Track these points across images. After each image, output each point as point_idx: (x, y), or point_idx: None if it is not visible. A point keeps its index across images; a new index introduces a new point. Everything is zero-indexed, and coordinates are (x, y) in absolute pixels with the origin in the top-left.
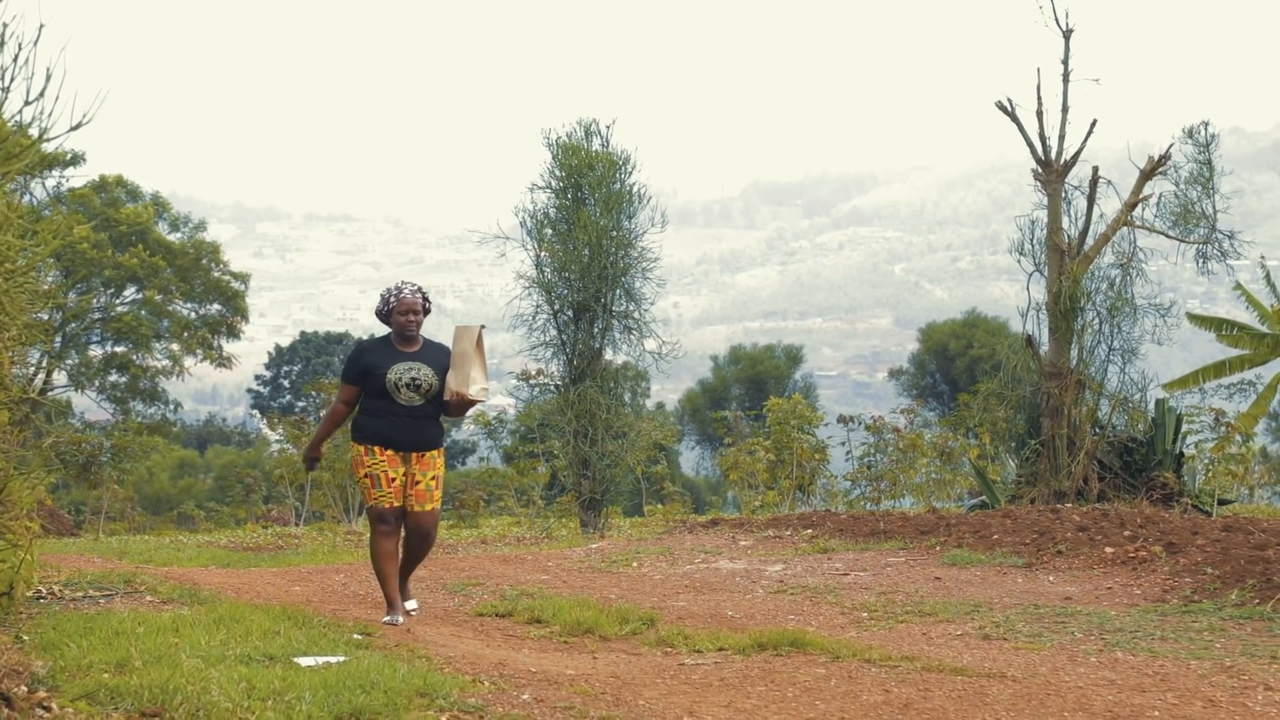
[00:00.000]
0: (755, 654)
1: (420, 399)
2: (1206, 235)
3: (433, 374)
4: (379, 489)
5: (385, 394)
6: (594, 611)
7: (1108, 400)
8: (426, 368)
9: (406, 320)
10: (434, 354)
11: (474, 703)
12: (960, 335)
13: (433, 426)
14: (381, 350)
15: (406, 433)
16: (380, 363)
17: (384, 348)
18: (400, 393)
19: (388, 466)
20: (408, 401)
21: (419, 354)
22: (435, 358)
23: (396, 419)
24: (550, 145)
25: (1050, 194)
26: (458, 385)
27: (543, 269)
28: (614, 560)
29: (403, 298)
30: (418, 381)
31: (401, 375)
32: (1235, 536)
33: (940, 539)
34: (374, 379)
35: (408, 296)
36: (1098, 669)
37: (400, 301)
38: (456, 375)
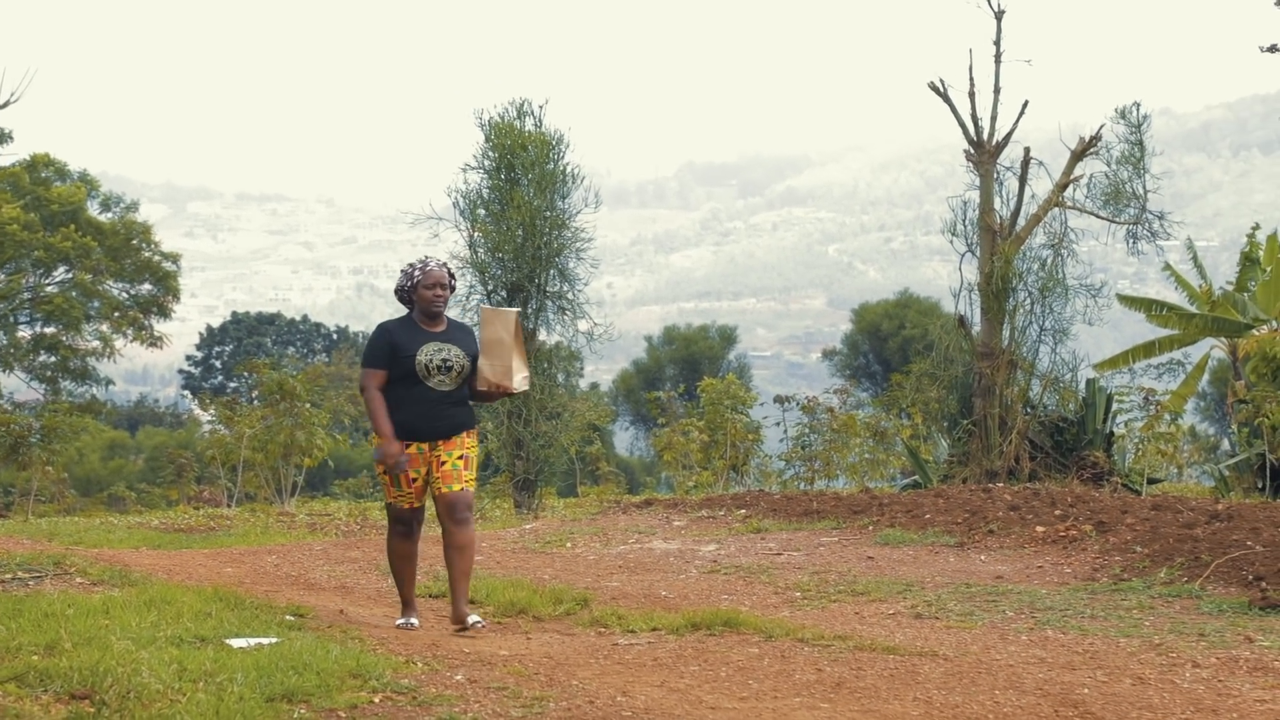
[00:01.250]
0: (689, 634)
1: (451, 383)
2: (1137, 216)
3: (463, 355)
4: (398, 488)
5: (414, 378)
6: (528, 592)
7: (1039, 380)
8: (456, 348)
9: (433, 295)
10: (460, 334)
11: (407, 683)
12: (893, 316)
13: (463, 411)
14: (407, 330)
15: (436, 420)
16: (408, 343)
17: (409, 327)
18: (431, 376)
19: (409, 465)
20: (438, 385)
21: (446, 334)
22: (462, 338)
23: (425, 406)
24: (483, 125)
25: (982, 175)
26: (498, 376)
27: (476, 250)
28: (548, 541)
29: (429, 270)
30: (449, 363)
31: (432, 357)
32: (1164, 515)
33: (873, 519)
34: (402, 362)
35: (434, 269)
36: (1028, 647)
37: (426, 275)
38: (494, 365)
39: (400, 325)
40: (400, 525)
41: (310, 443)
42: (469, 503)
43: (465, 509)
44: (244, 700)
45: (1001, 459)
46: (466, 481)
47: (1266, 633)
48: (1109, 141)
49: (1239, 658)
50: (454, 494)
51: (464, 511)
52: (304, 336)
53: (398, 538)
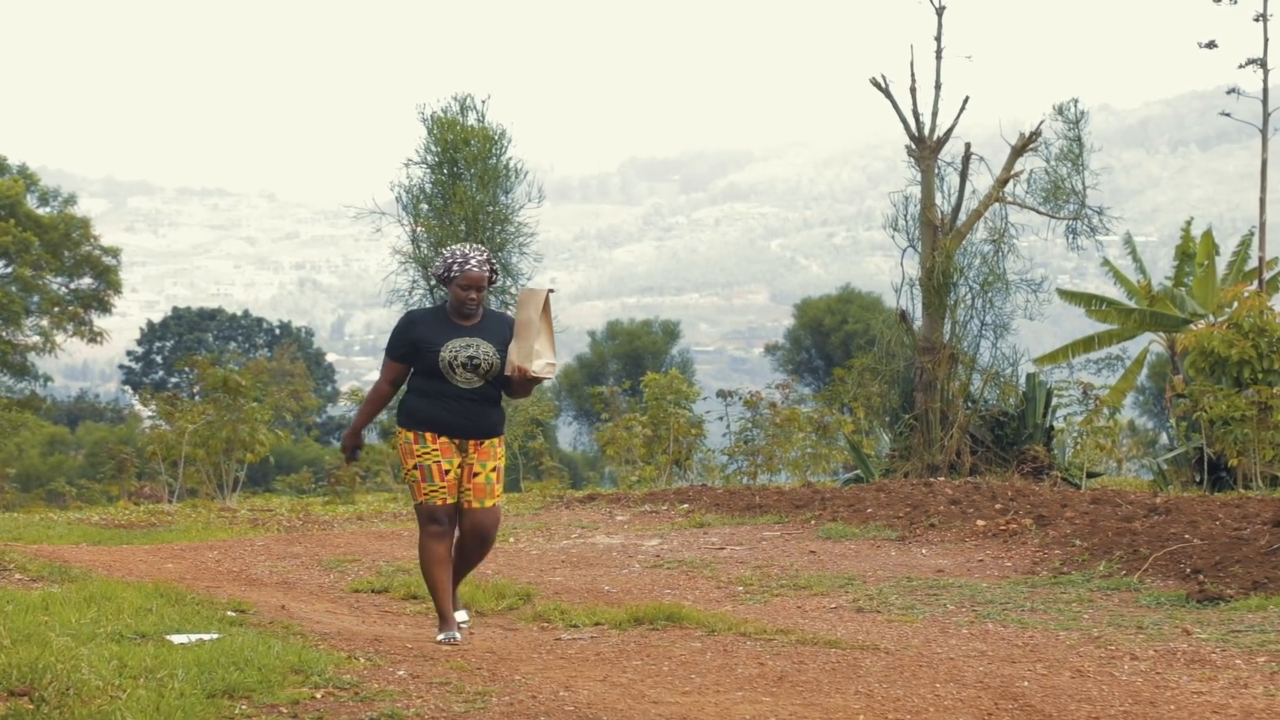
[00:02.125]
0: (631, 628)
1: (479, 380)
2: (1076, 211)
3: (493, 351)
4: (430, 483)
5: (438, 374)
6: (470, 587)
7: (980, 375)
8: (486, 344)
9: (466, 297)
10: (495, 327)
11: (349, 679)
12: (835, 311)
13: (493, 410)
14: (434, 323)
15: (463, 418)
16: (433, 338)
17: (437, 320)
18: (455, 373)
19: (440, 456)
20: (464, 383)
21: (478, 328)
22: (496, 331)
23: (451, 402)
24: (426, 120)
25: (924, 170)
26: (520, 359)
27: (419, 244)
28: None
29: (468, 269)
30: (475, 360)
31: (457, 354)
32: (1103, 509)
33: (815, 513)
34: (425, 357)
35: (474, 269)
36: (969, 640)
37: (465, 274)
38: (519, 347)
39: (428, 317)
40: (434, 525)
41: (253, 438)
42: (498, 520)
43: (493, 526)
44: (185, 696)
45: (943, 453)
46: (497, 496)
47: (1204, 625)
48: (1049, 138)
49: (1177, 650)
50: (484, 510)
51: (491, 530)
52: (246, 332)
53: (432, 539)
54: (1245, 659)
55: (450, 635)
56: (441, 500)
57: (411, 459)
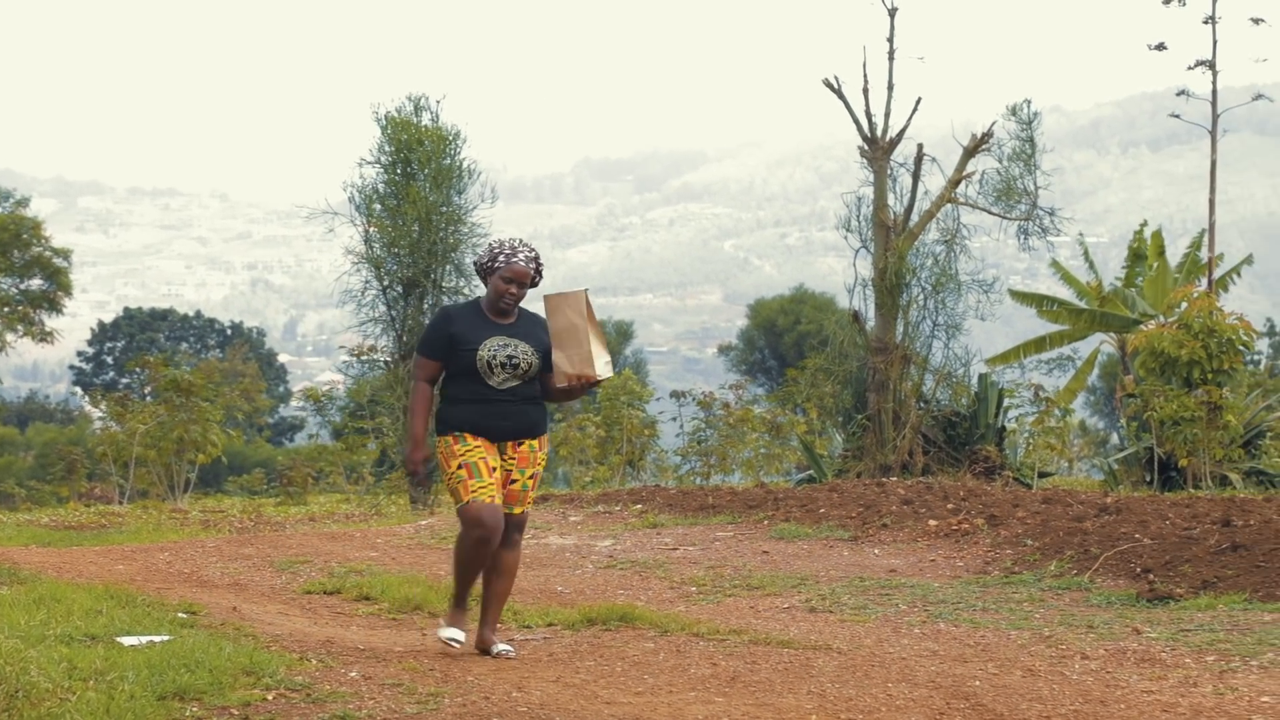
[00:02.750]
0: (584, 629)
1: (517, 381)
2: (1028, 212)
3: (531, 351)
4: (478, 479)
5: (475, 374)
6: (423, 588)
7: (932, 375)
8: (524, 344)
9: (507, 290)
10: (530, 327)
11: (301, 680)
12: (789, 311)
13: (534, 410)
14: (471, 319)
15: (503, 420)
16: (470, 335)
17: (473, 316)
18: (494, 374)
19: (485, 452)
20: (502, 384)
21: (514, 327)
22: (532, 331)
23: (489, 405)
24: (379, 120)
25: (876, 171)
26: (578, 366)
27: (372, 245)
28: (444, 537)
29: (514, 264)
30: (515, 360)
31: (496, 353)
32: (1055, 509)
33: (768, 513)
34: (462, 356)
35: (520, 264)
36: (921, 640)
37: (510, 266)
38: (571, 354)
39: (464, 313)
40: (479, 529)
41: (204, 439)
42: (524, 525)
43: (518, 531)
44: (135, 699)
45: (895, 453)
46: (529, 504)
47: (1154, 624)
48: (1000, 138)
49: (1127, 649)
50: (512, 517)
51: (516, 534)
52: (198, 332)
53: (474, 544)
54: (1195, 658)
55: (454, 635)
56: (490, 497)
57: (455, 459)
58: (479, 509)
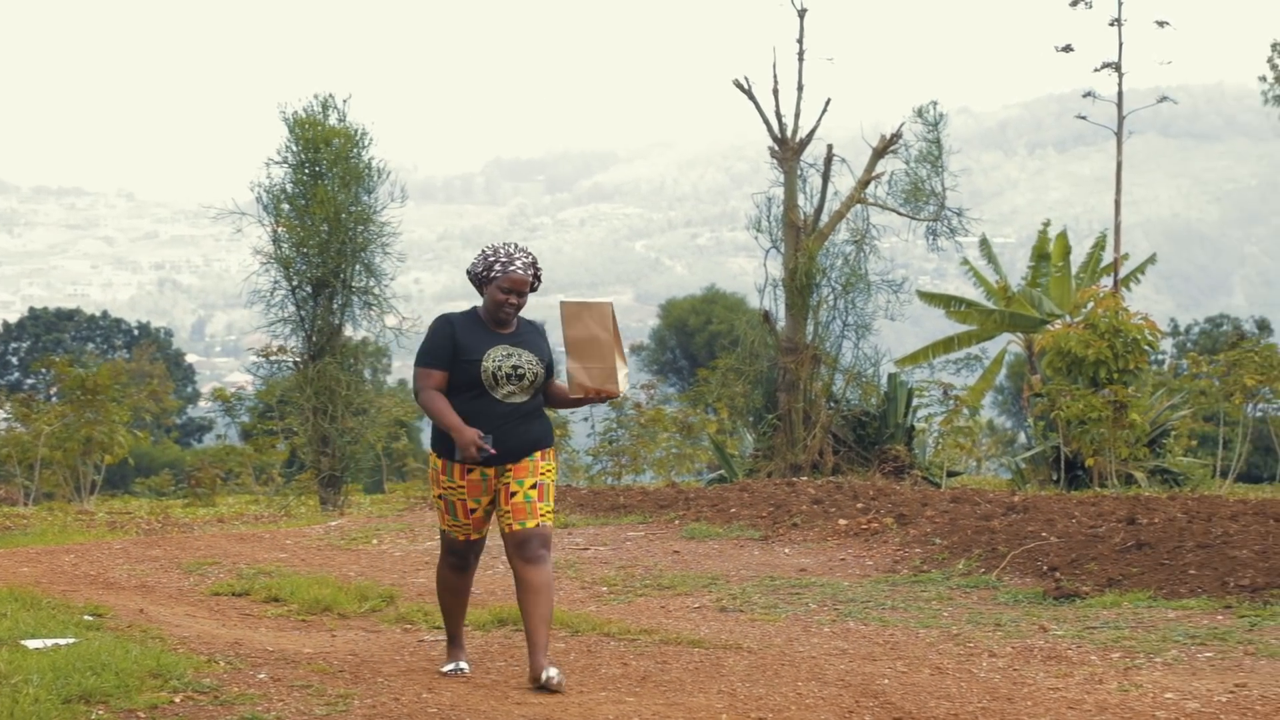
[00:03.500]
0: (495, 629)
1: (522, 394)
2: (936, 212)
3: (536, 361)
4: (453, 517)
5: (479, 387)
6: (333, 589)
7: (842, 375)
8: (528, 354)
9: (505, 300)
10: (532, 336)
11: (209, 683)
12: (700, 311)
13: (537, 425)
14: (471, 329)
15: (506, 438)
16: (472, 346)
17: (474, 326)
18: (499, 386)
19: (467, 495)
20: (507, 397)
21: (516, 336)
22: (534, 341)
23: (491, 421)
24: (287, 120)
25: (786, 171)
26: (599, 380)
27: (280, 244)
28: (354, 538)
29: (511, 272)
30: (520, 371)
31: (500, 363)
32: (963, 507)
33: (679, 513)
34: (464, 368)
35: (518, 271)
36: (831, 639)
37: (508, 275)
38: (592, 367)
39: (465, 322)
40: (453, 556)
41: (111, 440)
42: (545, 539)
43: (540, 545)
44: (40, 702)
45: (805, 453)
46: (543, 515)
47: (1060, 622)
48: (909, 140)
49: (1034, 647)
50: (526, 531)
51: (539, 549)
52: (104, 333)
53: (449, 569)
54: (1100, 655)
55: (456, 665)
56: (464, 536)
57: (437, 488)
58: (452, 541)
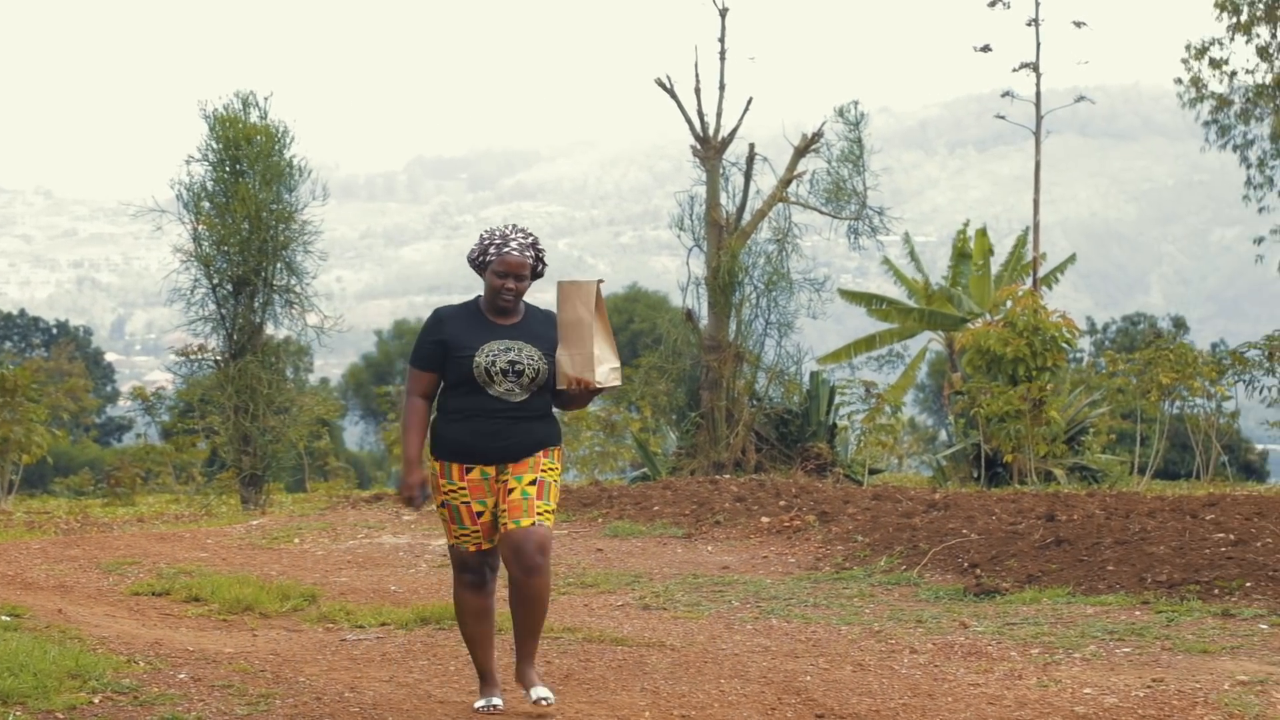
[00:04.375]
0: (418, 628)
1: (522, 392)
2: (857, 211)
3: (539, 356)
4: (459, 525)
5: (472, 385)
6: (254, 588)
7: (765, 373)
8: (530, 347)
9: (503, 286)
10: (539, 327)
11: (128, 683)
12: (622, 310)
13: (539, 426)
14: (467, 321)
15: (501, 439)
16: (466, 339)
17: (470, 318)
18: (495, 383)
19: (470, 496)
20: (505, 395)
21: (519, 328)
22: (540, 332)
23: (488, 421)
24: (207, 117)
25: (709, 170)
26: (578, 369)
27: (201, 243)
28: (275, 537)
29: (506, 254)
30: (519, 367)
31: (495, 359)
32: (885, 505)
33: (602, 511)
34: (457, 363)
35: (514, 253)
36: (753, 636)
37: (501, 258)
38: (573, 354)
39: (459, 314)
40: (467, 574)
41: (29, 439)
42: (542, 543)
43: (537, 551)
44: None
45: (728, 451)
46: (540, 514)
47: (980, 618)
48: (830, 139)
49: (954, 643)
50: (521, 531)
51: (535, 555)
52: (21, 331)
53: (465, 589)
54: (1020, 651)
55: (489, 703)
56: (474, 546)
57: (439, 495)
58: (462, 555)
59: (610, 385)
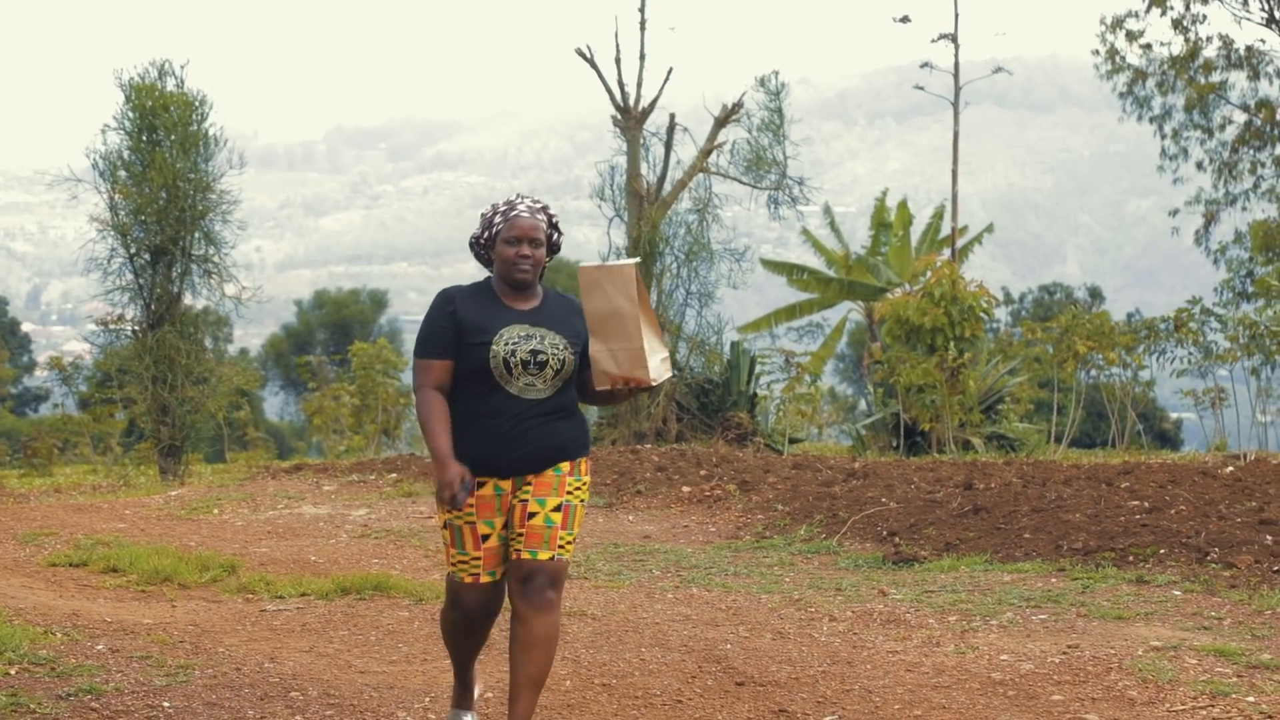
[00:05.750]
0: (339, 598)
1: (546, 387)
2: (778, 181)
3: (564, 345)
4: (460, 550)
5: (487, 378)
6: (173, 559)
7: (686, 343)
8: (553, 334)
9: (517, 255)
10: (560, 311)
11: (45, 655)
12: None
13: (566, 427)
14: (480, 304)
15: (520, 445)
16: (480, 324)
17: (484, 300)
18: (514, 376)
19: (477, 515)
20: (525, 391)
21: (539, 312)
22: (563, 317)
23: (506, 422)
24: (123, 86)
25: (629, 140)
26: (625, 367)
27: (117, 212)
28: (194, 507)
29: (515, 217)
30: (542, 356)
31: (515, 347)
32: (804, 474)
33: None
34: (470, 353)
35: (522, 215)
36: (674, 605)
37: (511, 223)
38: (616, 349)
39: (470, 295)
40: (457, 611)
41: None
42: (558, 577)
43: (550, 585)
44: None
45: (650, 421)
46: (561, 547)
47: (899, 586)
48: (751, 109)
49: (873, 611)
50: (536, 564)
51: (548, 590)
52: None
53: (454, 627)
54: (938, 618)
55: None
56: (472, 577)
57: (441, 512)
58: (458, 588)
59: (664, 380)
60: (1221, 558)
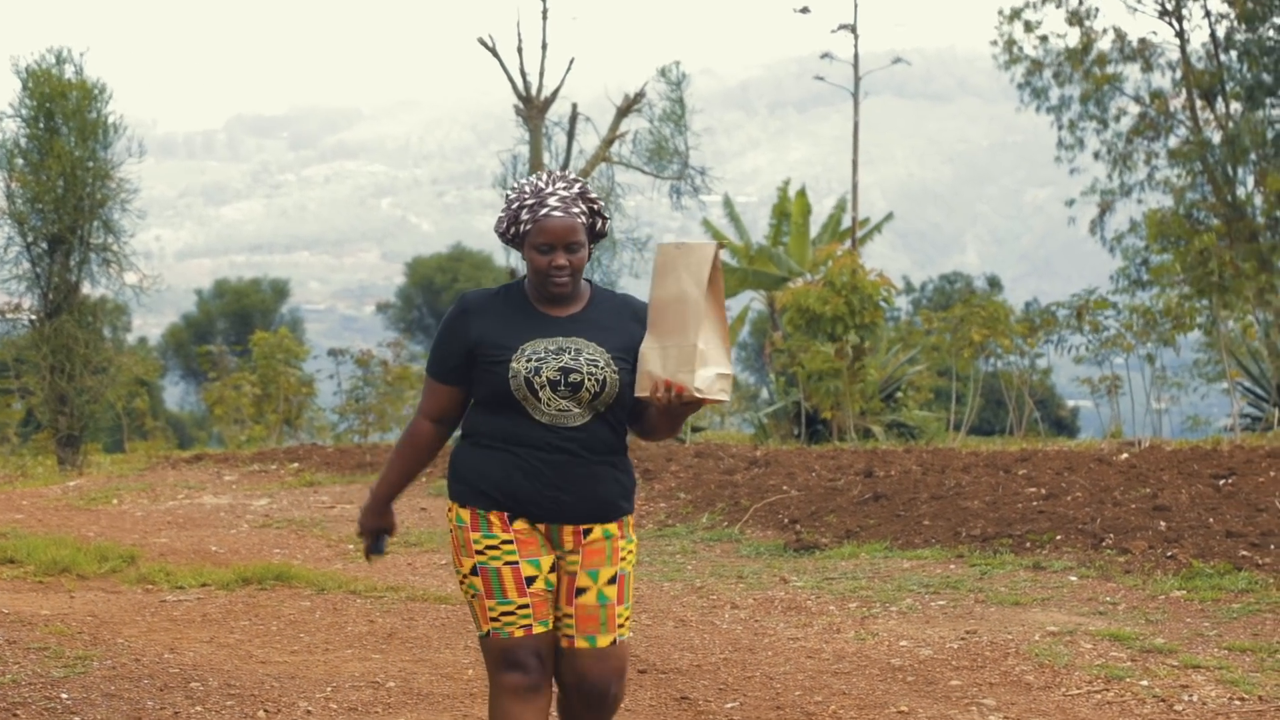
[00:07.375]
0: (239, 589)
1: (582, 411)
2: (679, 171)
3: (606, 360)
4: (499, 599)
5: (508, 400)
6: (71, 550)
7: None
8: (593, 346)
9: (550, 264)
10: (608, 316)
11: None
12: (446, 269)
13: (608, 472)
14: (504, 312)
15: (553, 487)
16: (500, 337)
17: (509, 307)
18: (541, 400)
19: (520, 552)
20: (557, 419)
21: (580, 319)
22: (609, 323)
23: (533, 455)
24: (19, 73)
25: (532, 129)
26: (672, 370)
27: (14, 200)
28: (93, 498)
29: (545, 218)
30: (575, 376)
31: (540, 364)
32: (707, 462)
33: (426, 471)
34: (489, 372)
35: (555, 216)
36: None
37: (539, 224)
38: (666, 346)
39: (493, 303)
40: (514, 673)
41: None
42: (622, 668)
43: (616, 678)
44: None
45: None
46: (621, 628)
47: (800, 573)
48: (653, 99)
49: (775, 598)
50: (596, 653)
51: (612, 686)
52: None
53: (513, 697)
54: (838, 605)
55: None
56: (524, 630)
57: (469, 558)
58: (506, 646)
59: (715, 399)
60: (1116, 544)
